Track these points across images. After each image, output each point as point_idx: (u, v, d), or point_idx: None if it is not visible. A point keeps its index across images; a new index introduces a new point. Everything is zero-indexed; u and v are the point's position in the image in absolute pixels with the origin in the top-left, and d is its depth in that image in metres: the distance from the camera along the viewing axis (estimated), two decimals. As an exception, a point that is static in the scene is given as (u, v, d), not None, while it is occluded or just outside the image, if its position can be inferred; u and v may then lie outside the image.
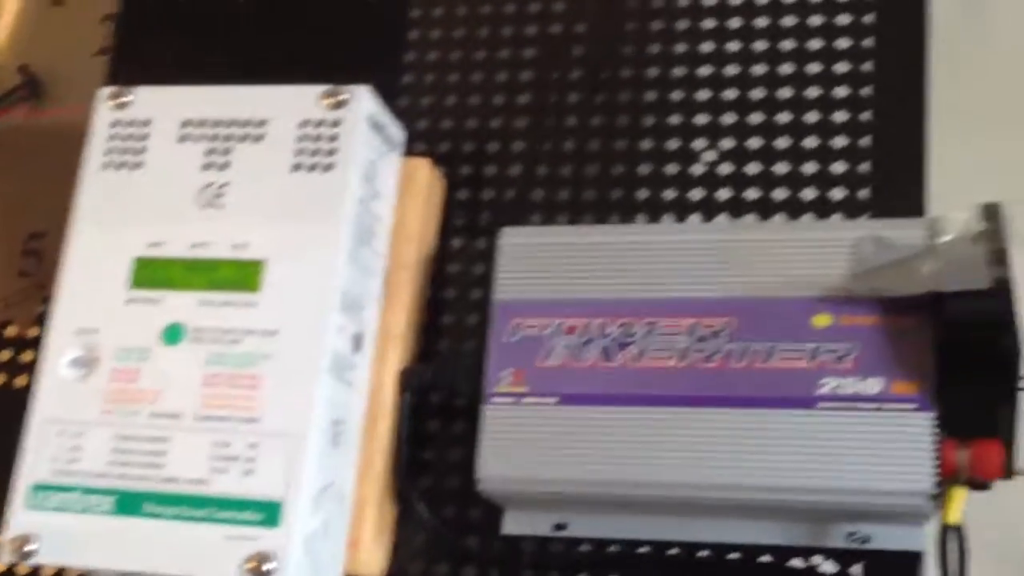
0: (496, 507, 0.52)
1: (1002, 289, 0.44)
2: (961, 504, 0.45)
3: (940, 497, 0.45)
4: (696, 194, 0.57)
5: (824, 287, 0.47)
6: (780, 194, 0.56)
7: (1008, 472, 0.47)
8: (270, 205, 0.49)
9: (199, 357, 0.47)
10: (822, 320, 0.47)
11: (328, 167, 0.49)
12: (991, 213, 0.47)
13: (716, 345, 0.48)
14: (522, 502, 0.51)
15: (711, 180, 0.57)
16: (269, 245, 0.48)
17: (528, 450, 0.48)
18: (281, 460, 0.45)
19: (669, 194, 0.57)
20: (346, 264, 0.48)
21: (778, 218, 0.55)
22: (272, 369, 0.46)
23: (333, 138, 0.50)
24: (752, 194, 0.56)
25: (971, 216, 0.47)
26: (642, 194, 0.57)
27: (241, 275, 0.48)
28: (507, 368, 0.50)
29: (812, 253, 0.48)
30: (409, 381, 0.52)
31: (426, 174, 0.55)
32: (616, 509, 0.51)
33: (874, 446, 0.45)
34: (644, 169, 0.58)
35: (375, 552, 0.51)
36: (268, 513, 0.45)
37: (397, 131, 0.54)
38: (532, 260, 0.51)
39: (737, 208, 0.56)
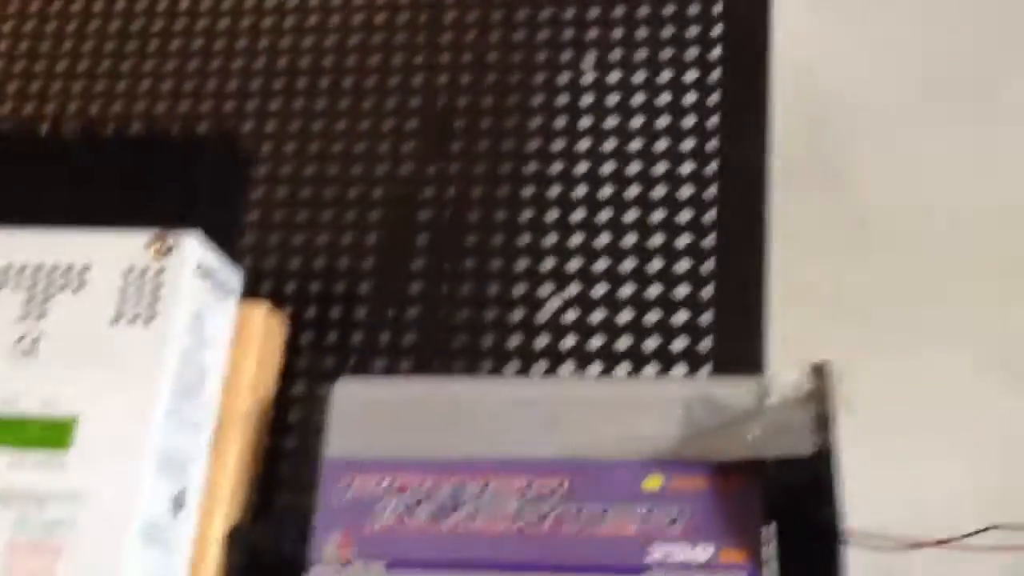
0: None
1: (823, 456, 0.44)
2: None
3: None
4: (541, 342, 0.56)
5: (655, 448, 0.47)
6: (624, 343, 0.56)
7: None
8: (87, 357, 0.47)
9: (2, 523, 0.44)
10: (653, 482, 0.47)
11: (150, 318, 0.47)
12: (820, 373, 0.47)
13: (549, 507, 0.47)
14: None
15: (557, 328, 0.57)
16: (83, 400, 0.46)
17: (353, 621, 0.46)
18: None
19: (514, 341, 0.57)
20: (166, 421, 0.46)
21: (619, 370, 0.55)
22: (78, 536, 0.43)
23: (157, 287, 0.48)
24: (596, 342, 0.56)
25: (800, 376, 0.47)
26: (487, 340, 0.57)
27: (51, 433, 0.45)
28: (334, 531, 0.48)
29: (644, 412, 0.48)
30: (236, 543, 0.50)
31: (263, 319, 0.53)
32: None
33: (703, 617, 0.45)
34: (490, 315, 0.57)
35: None
36: None
37: (232, 276, 0.52)
38: (365, 414, 0.50)
39: (582, 357, 0.56)
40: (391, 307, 0.58)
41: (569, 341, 0.56)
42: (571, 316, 0.57)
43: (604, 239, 0.58)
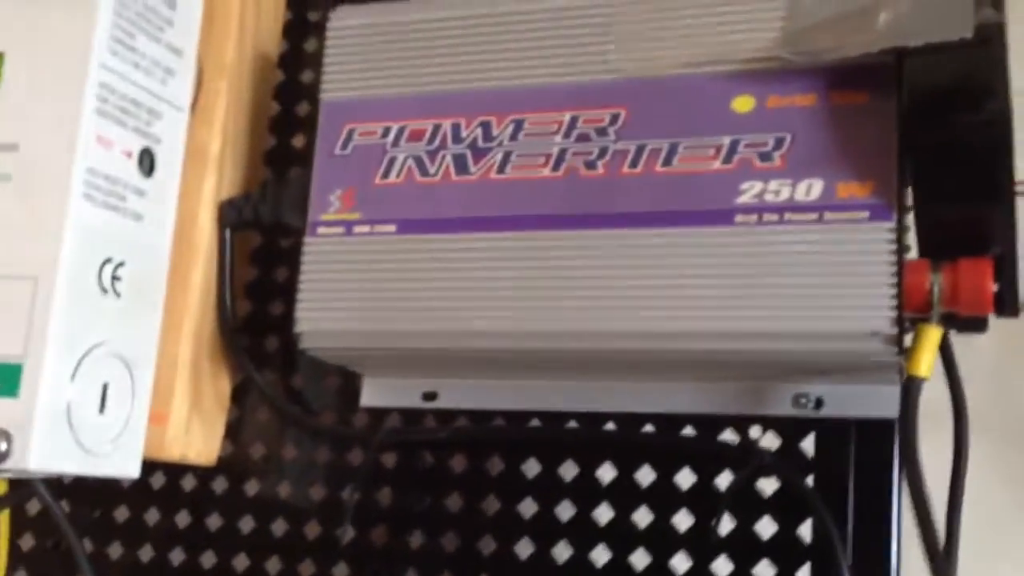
0: (354, 373, 0.42)
1: (989, 38, 0.30)
2: (934, 349, 0.33)
3: (907, 340, 0.33)
4: None
5: (745, 57, 0.34)
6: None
7: (1008, 305, 0.34)
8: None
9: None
10: (742, 103, 0.34)
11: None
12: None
13: (601, 145, 0.35)
14: (378, 365, 0.40)
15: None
16: (6, 34, 0.37)
17: (359, 296, 0.37)
18: (22, 310, 0.35)
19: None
20: (109, 57, 0.36)
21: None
22: (12, 193, 0.35)
23: None
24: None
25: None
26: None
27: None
28: (336, 189, 0.38)
29: (727, 12, 0.35)
30: (227, 214, 0.41)
31: (252, -52, 0.43)
32: (495, 372, 0.39)
33: (812, 271, 0.32)
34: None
35: (195, 431, 0.40)
36: (4, 378, 0.34)
37: None
38: (369, 47, 0.38)
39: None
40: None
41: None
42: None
43: None
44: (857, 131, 0.33)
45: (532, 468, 0.40)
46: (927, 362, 0.32)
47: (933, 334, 0.32)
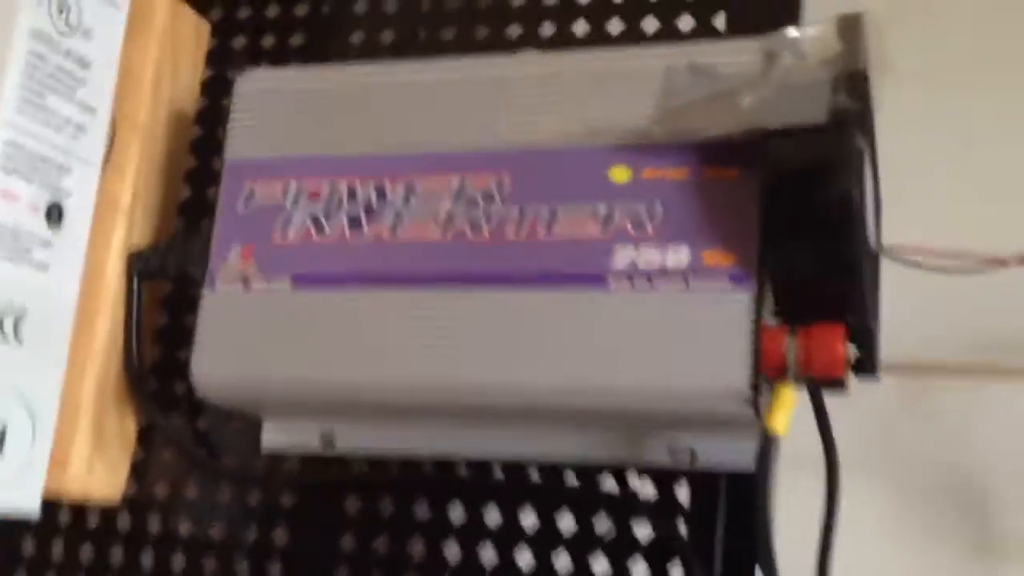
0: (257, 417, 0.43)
1: (842, 122, 0.33)
2: (788, 408, 0.35)
3: (765, 399, 0.35)
4: (481, 31, 0.45)
5: (622, 132, 0.36)
6: (615, 26, 0.44)
7: (867, 367, 0.36)
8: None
9: None
10: (619, 174, 0.37)
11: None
12: (849, 26, 0.35)
13: (487, 210, 0.37)
14: (274, 411, 0.42)
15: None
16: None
17: (253, 347, 0.38)
18: (-77, 359, 0.36)
19: (448, 33, 0.46)
20: (16, 117, 0.38)
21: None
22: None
23: (13, -46, 0.39)
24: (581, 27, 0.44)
25: (824, 31, 0.35)
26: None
27: None
28: (235, 245, 0.40)
29: (608, 89, 0.37)
30: (135, 267, 0.42)
31: (165, 10, 0.44)
32: (388, 418, 0.41)
33: (676, 333, 0.34)
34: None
35: (97, 472, 0.42)
36: (-97, 426, 0.36)
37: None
38: (272, 111, 0.40)
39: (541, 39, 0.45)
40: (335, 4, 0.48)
41: (550, 28, 0.45)
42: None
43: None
44: (725, 204, 0.35)
45: (422, 510, 0.41)
46: (782, 420, 0.34)
47: (788, 394, 0.34)
